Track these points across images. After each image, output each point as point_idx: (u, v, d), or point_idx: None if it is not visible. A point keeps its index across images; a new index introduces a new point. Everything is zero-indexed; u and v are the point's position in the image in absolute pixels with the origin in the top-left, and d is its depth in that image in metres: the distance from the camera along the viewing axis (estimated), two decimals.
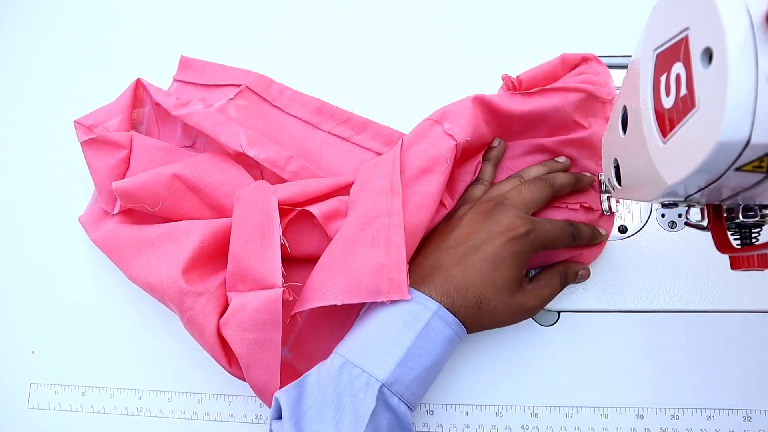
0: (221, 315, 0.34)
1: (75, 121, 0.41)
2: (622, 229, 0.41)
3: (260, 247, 0.34)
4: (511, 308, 0.34)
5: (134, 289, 0.42)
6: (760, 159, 0.19)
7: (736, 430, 0.36)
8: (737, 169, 0.20)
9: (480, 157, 0.39)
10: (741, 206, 0.25)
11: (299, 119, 0.42)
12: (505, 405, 0.38)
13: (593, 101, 0.39)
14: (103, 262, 0.43)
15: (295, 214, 0.35)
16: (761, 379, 0.37)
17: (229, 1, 0.49)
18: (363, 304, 0.37)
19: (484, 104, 0.37)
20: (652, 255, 0.40)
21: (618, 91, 0.31)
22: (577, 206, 0.38)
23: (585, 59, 0.40)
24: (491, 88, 0.41)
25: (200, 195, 0.37)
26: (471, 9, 0.47)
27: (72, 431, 0.40)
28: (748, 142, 0.18)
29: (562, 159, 0.39)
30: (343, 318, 0.37)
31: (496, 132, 0.39)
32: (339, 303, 0.32)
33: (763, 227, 0.26)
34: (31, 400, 0.41)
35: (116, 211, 0.40)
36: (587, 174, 0.39)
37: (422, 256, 0.35)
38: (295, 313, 0.34)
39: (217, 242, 0.36)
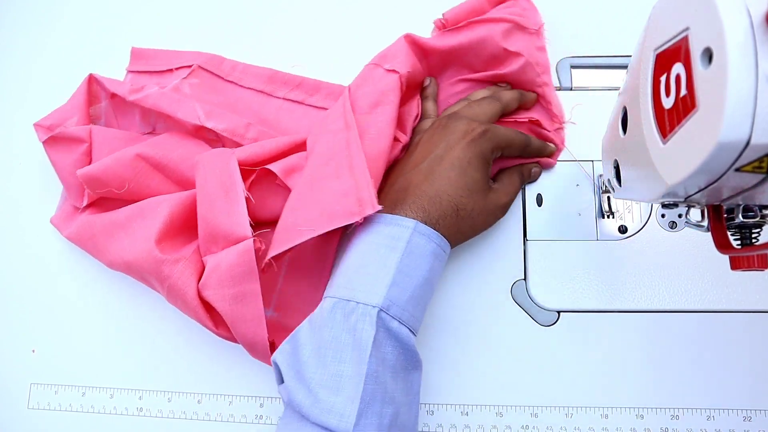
0: (200, 279, 0.35)
1: (35, 124, 0.42)
2: (622, 229, 0.41)
3: (226, 204, 0.34)
4: (487, 208, 0.35)
5: (134, 290, 0.42)
6: (760, 159, 0.19)
7: (736, 430, 0.36)
8: (737, 170, 0.20)
9: (419, 96, 0.41)
10: (741, 206, 0.25)
11: (253, 90, 0.44)
12: (505, 405, 0.38)
13: (521, 32, 0.40)
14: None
15: (256, 175, 0.36)
16: (761, 379, 0.37)
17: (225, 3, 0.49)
18: (337, 250, 0.38)
19: (415, 43, 0.39)
20: (652, 255, 0.40)
21: (618, 92, 0.31)
22: (526, 120, 0.40)
23: None
24: None
25: (165, 172, 0.38)
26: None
27: (72, 431, 0.40)
28: (748, 143, 0.18)
29: (503, 84, 0.41)
30: (320, 267, 0.38)
31: (431, 71, 0.42)
32: (314, 234, 0.32)
33: (763, 227, 0.26)
34: (31, 400, 0.41)
35: (85, 203, 0.41)
36: (531, 92, 0.41)
37: (389, 184, 0.36)
38: (272, 263, 0.34)
39: (187, 212, 0.37)
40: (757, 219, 0.25)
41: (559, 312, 0.39)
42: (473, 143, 0.34)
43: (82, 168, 0.39)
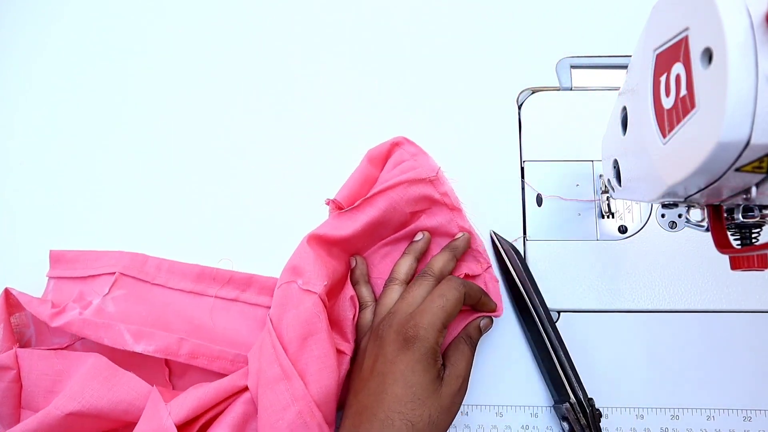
0: None
1: None
2: (622, 229, 0.41)
3: None
4: (443, 405, 0.32)
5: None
6: (760, 159, 0.19)
7: (736, 430, 0.36)
8: (737, 170, 0.20)
9: (349, 283, 0.38)
10: (741, 206, 0.25)
11: (183, 291, 0.41)
12: (505, 405, 0.38)
13: (421, 185, 0.39)
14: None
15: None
16: (761, 379, 0.37)
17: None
18: None
19: (320, 241, 0.37)
20: (652, 255, 0.40)
21: (618, 92, 0.31)
22: (462, 276, 0.39)
23: (394, 145, 0.41)
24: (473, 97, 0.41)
25: (97, 420, 0.36)
26: (470, 8, 0.47)
27: None
28: (748, 143, 0.18)
29: (419, 237, 0.40)
30: None
31: (347, 254, 0.40)
32: None
33: (763, 227, 0.26)
34: None
35: None
36: (456, 238, 0.39)
37: (347, 406, 0.34)
38: None
39: None
40: (757, 219, 0.25)
41: (559, 312, 0.39)
42: (409, 350, 0.32)
43: (13, 398, 0.37)
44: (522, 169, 0.42)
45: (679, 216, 0.40)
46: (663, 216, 0.41)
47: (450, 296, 0.34)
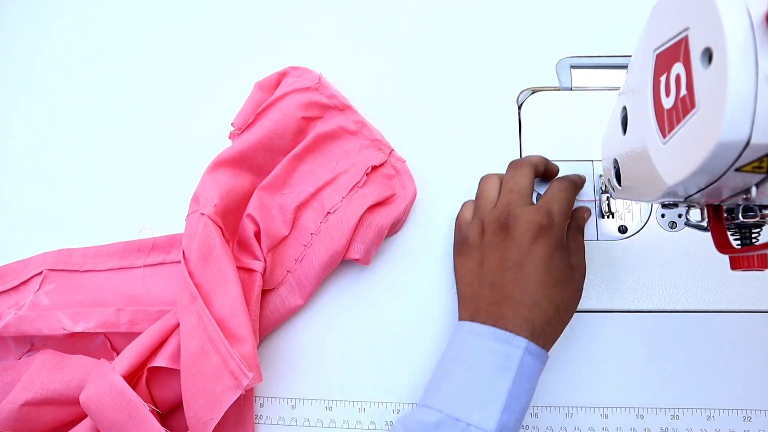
0: None
1: None
2: (622, 229, 0.41)
3: (136, 429, 0.33)
4: (577, 286, 0.35)
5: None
6: (760, 159, 0.19)
7: (736, 430, 0.36)
8: (737, 170, 0.20)
9: (251, 206, 0.39)
10: (741, 206, 0.25)
11: (112, 270, 0.42)
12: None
13: (306, 92, 0.41)
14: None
15: (147, 375, 0.35)
16: (761, 379, 0.37)
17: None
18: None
19: (219, 165, 0.39)
20: (652, 255, 0.40)
21: (618, 92, 0.31)
22: (369, 168, 0.41)
23: (281, 75, 0.43)
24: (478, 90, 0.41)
25: (55, 404, 0.36)
26: (470, 8, 0.47)
27: None
28: (748, 143, 0.18)
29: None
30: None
31: (252, 173, 0.40)
32: (216, 421, 0.32)
33: (763, 227, 0.26)
34: None
35: None
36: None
37: (475, 299, 0.35)
38: None
39: None
40: (757, 219, 0.25)
41: None
42: (546, 237, 0.34)
43: None
44: None
45: (679, 216, 0.40)
46: (663, 216, 0.41)
47: (568, 185, 0.37)
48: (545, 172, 0.40)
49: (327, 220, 0.39)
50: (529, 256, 0.33)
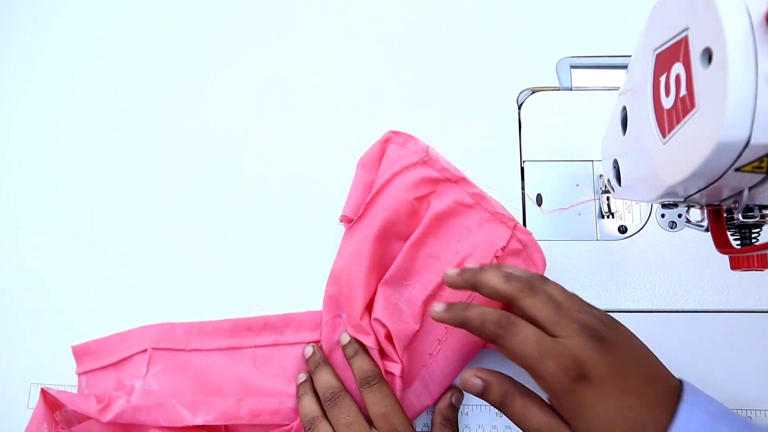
0: None
1: None
2: (622, 229, 0.41)
3: None
4: None
5: (134, 289, 0.42)
6: (760, 159, 0.19)
7: None
8: (737, 170, 0.20)
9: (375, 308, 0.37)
10: (740, 206, 0.25)
11: (220, 350, 0.39)
12: None
13: (413, 168, 0.39)
14: (102, 262, 0.43)
15: None
16: (761, 379, 0.37)
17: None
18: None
19: (345, 270, 0.37)
20: (652, 255, 0.40)
21: (618, 92, 0.31)
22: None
23: (384, 143, 0.41)
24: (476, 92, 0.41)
25: None
26: (470, 8, 0.47)
27: None
28: (748, 143, 0.18)
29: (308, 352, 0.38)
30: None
31: (377, 269, 0.38)
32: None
33: (763, 227, 0.26)
34: (31, 400, 0.41)
35: None
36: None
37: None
38: None
39: None
40: (757, 219, 0.25)
41: None
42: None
43: None
44: (522, 169, 0.42)
45: (679, 216, 0.40)
46: (663, 216, 0.41)
47: (387, 393, 0.34)
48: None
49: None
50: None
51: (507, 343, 0.29)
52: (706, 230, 0.28)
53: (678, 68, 0.21)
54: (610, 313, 0.39)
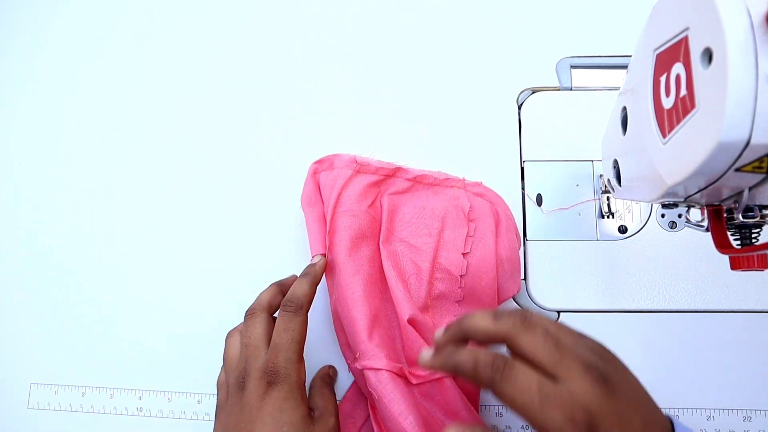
0: None
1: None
2: (622, 229, 0.41)
3: None
4: None
5: (134, 289, 0.42)
6: (760, 159, 0.19)
7: (736, 430, 0.36)
8: (737, 170, 0.20)
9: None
10: (740, 206, 0.25)
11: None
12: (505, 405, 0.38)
13: (355, 183, 0.39)
14: (102, 261, 0.43)
15: None
16: (761, 379, 0.37)
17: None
18: None
19: (336, 315, 0.38)
20: (652, 255, 0.40)
21: (618, 92, 0.31)
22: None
23: (313, 174, 0.40)
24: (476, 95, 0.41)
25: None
26: (470, 8, 0.47)
27: (72, 431, 0.40)
28: (748, 143, 0.18)
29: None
30: None
31: (376, 285, 0.38)
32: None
33: (763, 227, 0.26)
34: (31, 400, 0.41)
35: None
36: (313, 263, 0.37)
37: None
38: None
39: None
40: (757, 219, 0.25)
41: (559, 312, 0.39)
42: (276, 389, 0.31)
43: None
44: (522, 169, 0.42)
45: (679, 216, 0.40)
46: (663, 216, 0.41)
47: (294, 326, 0.33)
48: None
49: (463, 283, 0.38)
50: (259, 413, 0.31)
51: (505, 389, 0.26)
52: (706, 230, 0.28)
53: (678, 68, 0.21)
54: (609, 314, 0.39)
